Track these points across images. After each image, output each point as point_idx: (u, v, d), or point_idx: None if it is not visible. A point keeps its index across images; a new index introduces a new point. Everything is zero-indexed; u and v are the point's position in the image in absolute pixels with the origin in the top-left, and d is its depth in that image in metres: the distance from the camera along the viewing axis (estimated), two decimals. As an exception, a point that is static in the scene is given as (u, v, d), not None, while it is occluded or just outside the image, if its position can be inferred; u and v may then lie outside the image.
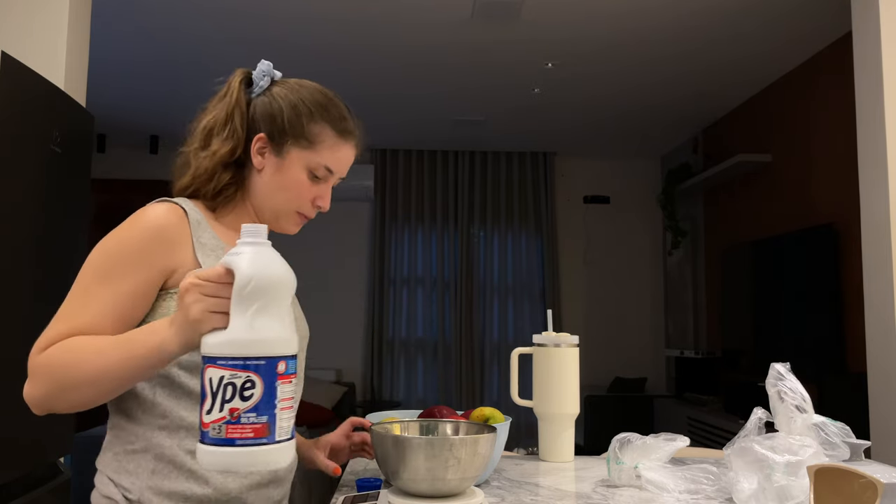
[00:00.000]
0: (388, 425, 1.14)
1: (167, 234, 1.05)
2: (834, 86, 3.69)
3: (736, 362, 4.61)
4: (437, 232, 6.00)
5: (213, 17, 3.49)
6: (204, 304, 0.82)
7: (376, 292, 5.87)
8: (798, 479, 1.01)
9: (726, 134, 5.01)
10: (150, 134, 5.71)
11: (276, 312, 0.80)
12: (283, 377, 0.79)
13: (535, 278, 5.98)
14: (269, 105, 1.16)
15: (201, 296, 0.82)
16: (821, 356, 3.61)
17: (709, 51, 3.85)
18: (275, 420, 0.78)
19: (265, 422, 0.77)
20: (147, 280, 1.03)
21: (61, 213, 2.24)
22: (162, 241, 1.04)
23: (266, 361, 0.78)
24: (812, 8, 3.34)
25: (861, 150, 2.59)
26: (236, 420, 0.77)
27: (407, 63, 4.09)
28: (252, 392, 0.77)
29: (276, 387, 0.78)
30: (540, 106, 4.84)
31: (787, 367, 1.16)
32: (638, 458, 1.20)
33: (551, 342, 1.46)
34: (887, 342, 2.40)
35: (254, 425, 0.77)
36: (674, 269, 5.93)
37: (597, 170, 6.22)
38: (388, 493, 1.09)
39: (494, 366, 5.90)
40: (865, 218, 2.56)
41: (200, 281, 0.83)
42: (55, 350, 0.96)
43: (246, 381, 0.77)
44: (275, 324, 0.80)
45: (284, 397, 0.79)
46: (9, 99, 1.92)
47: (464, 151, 6.04)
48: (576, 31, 3.62)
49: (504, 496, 1.16)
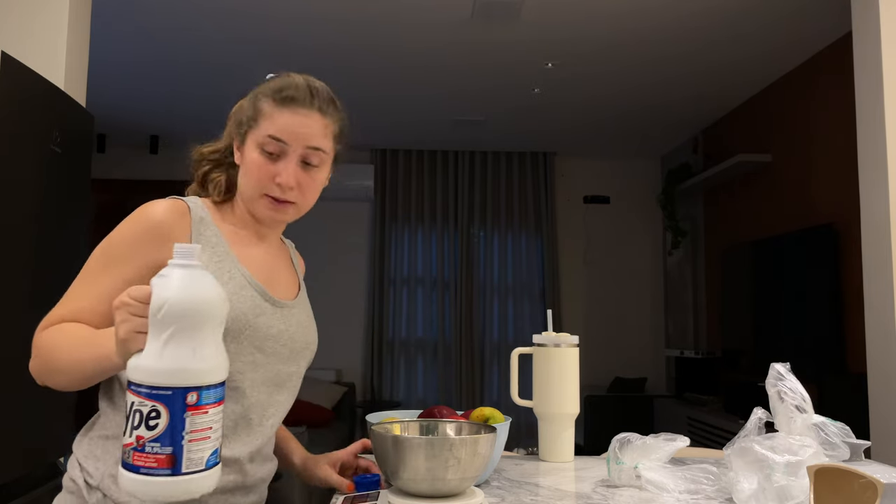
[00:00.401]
0: (388, 425, 1.14)
1: (161, 229, 1.07)
2: (834, 86, 3.69)
3: (736, 362, 4.61)
4: (437, 232, 6.00)
5: (213, 17, 3.49)
6: (130, 325, 0.80)
7: (376, 292, 5.87)
8: (798, 479, 1.01)
9: (726, 134, 5.01)
10: (150, 134, 5.71)
11: (191, 340, 0.76)
12: (194, 408, 0.75)
13: (535, 278, 5.98)
14: (242, 103, 1.21)
15: (129, 315, 0.81)
16: (821, 356, 3.61)
17: (709, 51, 3.85)
18: (181, 452, 0.75)
19: (169, 453, 0.74)
20: (137, 271, 1.05)
21: (61, 213, 2.24)
22: (155, 236, 1.06)
23: (173, 392, 0.75)
24: (812, 8, 3.34)
25: (861, 150, 2.59)
26: (141, 448, 0.74)
27: (407, 63, 4.09)
28: (157, 422, 0.74)
29: (184, 418, 0.75)
30: (540, 106, 4.84)
31: (787, 367, 1.16)
32: (638, 458, 1.20)
33: (551, 342, 1.46)
34: (887, 342, 2.40)
35: (157, 455, 0.74)
36: (674, 269, 5.93)
37: (597, 170, 6.22)
38: (388, 493, 1.09)
39: (494, 366, 5.90)
40: (865, 218, 2.56)
41: (129, 299, 0.81)
42: (49, 333, 1.02)
43: (151, 409, 0.74)
44: (186, 352, 0.76)
45: (196, 428, 0.76)
46: (9, 99, 1.92)
47: (464, 151, 6.04)
48: (576, 31, 3.62)
49: (504, 496, 1.16)
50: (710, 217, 5.30)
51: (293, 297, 1.23)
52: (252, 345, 1.09)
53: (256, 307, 1.11)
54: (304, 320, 1.22)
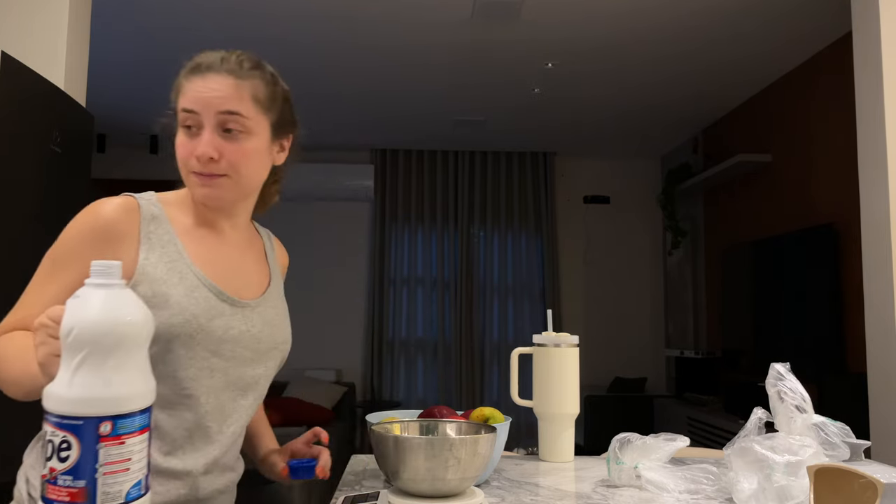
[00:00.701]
0: (388, 425, 1.14)
1: (108, 229, 1.02)
2: (834, 86, 3.69)
3: (736, 362, 4.61)
4: (437, 232, 6.00)
5: (213, 17, 3.49)
6: (48, 348, 0.76)
7: (376, 292, 5.87)
8: (798, 479, 1.01)
9: (726, 134, 5.01)
10: (151, 134, 5.71)
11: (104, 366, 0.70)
12: (109, 439, 0.70)
13: (535, 278, 5.98)
14: None
15: (47, 337, 0.76)
16: (821, 356, 3.61)
17: (709, 51, 3.85)
18: (95, 486, 0.69)
19: (82, 487, 0.69)
20: (82, 275, 0.98)
21: (61, 213, 2.24)
22: (101, 238, 1.01)
23: (84, 422, 0.69)
24: (812, 8, 3.34)
25: (861, 150, 2.59)
26: (54, 481, 0.70)
27: (407, 63, 4.09)
28: (68, 454, 0.69)
29: (97, 450, 0.69)
30: (540, 106, 4.84)
31: (787, 367, 1.16)
32: (638, 458, 1.20)
33: (551, 342, 1.46)
34: (887, 342, 2.40)
35: (69, 489, 0.69)
36: (674, 269, 5.93)
37: (597, 170, 6.22)
38: (388, 493, 1.09)
39: (494, 366, 5.90)
40: (865, 218, 2.56)
41: (48, 321, 0.76)
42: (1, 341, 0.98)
43: (63, 440, 0.69)
44: (98, 380, 0.70)
45: (112, 460, 0.70)
46: (9, 99, 1.92)
47: (464, 151, 6.04)
48: (576, 31, 3.62)
49: (504, 496, 1.16)
50: (710, 217, 5.30)
51: (259, 295, 1.15)
52: (206, 349, 1.04)
53: (211, 309, 1.05)
54: (273, 318, 1.15)
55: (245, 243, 1.19)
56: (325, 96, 4.66)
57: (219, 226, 1.14)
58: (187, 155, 1.06)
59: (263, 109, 1.09)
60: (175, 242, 1.06)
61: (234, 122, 1.05)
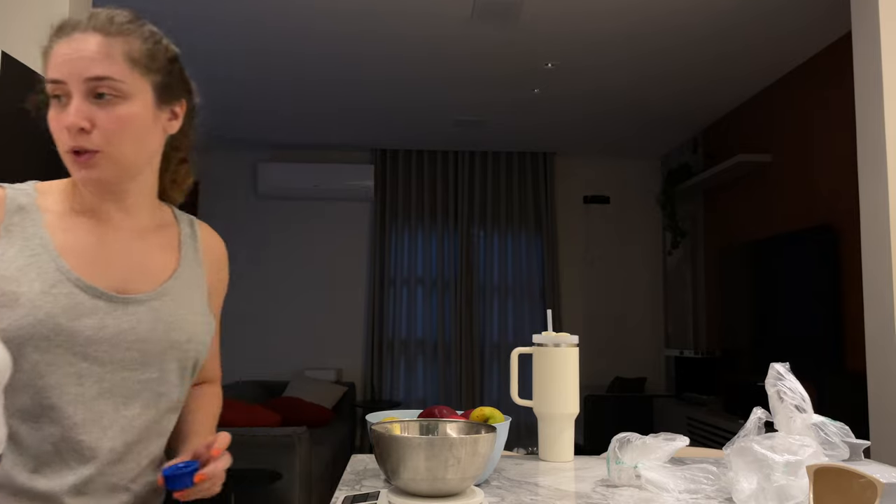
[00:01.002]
0: (388, 425, 1.14)
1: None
2: (834, 86, 3.69)
3: (735, 362, 4.61)
4: (437, 232, 6.01)
5: (213, 17, 3.50)
6: None
7: (376, 292, 5.87)
8: (798, 479, 1.02)
9: (726, 134, 5.01)
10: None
11: None
12: None
13: (535, 278, 5.99)
14: None
15: None
16: (820, 356, 3.61)
17: (709, 51, 3.85)
18: None
19: None
20: None
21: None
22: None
23: None
24: (812, 8, 3.34)
25: (861, 151, 2.59)
26: None
27: (407, 63, 4.09)
28: None
29: None
30: (540, 106, 4.84)
31: (786, 367, 1.16)
32: (638, 458, 1.20)
33: (551, 342, 1.46)
34: (887, 342, 2.40)
35: None
36: (673, 269, 5.93)
37: (597, 170, 6.23)
38: (388, 492, 1.09)
39: (494, 366, 5.90)
40: (865, 218, 2.56)
41: None
42: None
43: None
44: None
45: None
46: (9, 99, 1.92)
47: (464, 151, 6.04)
48: (576, 32, 3.62)
49: (504, 496, 1.16)
50: (710, 217, 5.31)
51: (156, 287, 1.02)
52: (70, 352, 0.92)
53: (75, 307, 0.93)
54: (172, 314, 1.01)
55: (144, 230, 1.05)
56: (325, 96, 4.67)
57: (104, 212, 1.02)
58: (59, 132, 0.94)
59: (142, 70, 0.97)
60: (40, 234, 0.96)
61: (104, 86, 0.93)
